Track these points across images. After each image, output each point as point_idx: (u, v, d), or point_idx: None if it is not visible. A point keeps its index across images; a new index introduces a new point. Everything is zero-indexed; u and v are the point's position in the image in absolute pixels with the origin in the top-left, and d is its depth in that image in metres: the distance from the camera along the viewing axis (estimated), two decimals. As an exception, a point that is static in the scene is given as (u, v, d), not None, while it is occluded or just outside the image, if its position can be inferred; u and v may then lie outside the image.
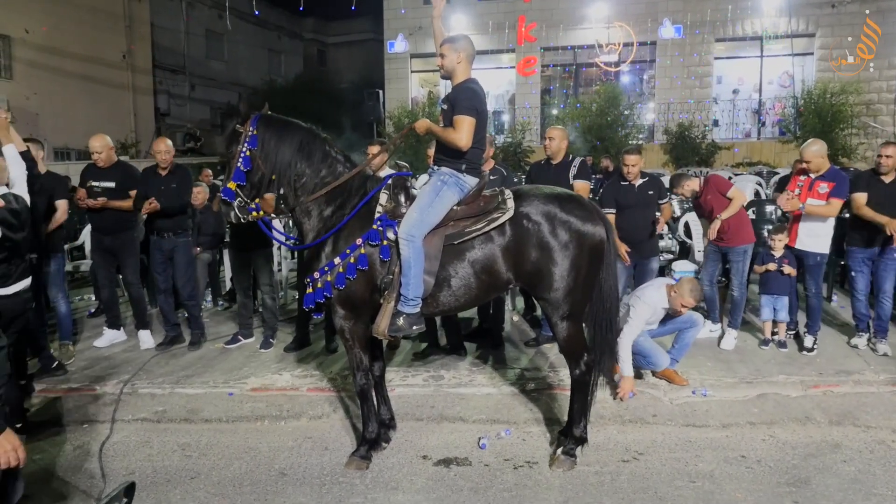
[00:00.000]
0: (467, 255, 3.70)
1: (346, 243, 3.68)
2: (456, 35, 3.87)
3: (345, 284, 3.63)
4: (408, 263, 3.55)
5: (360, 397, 3.93)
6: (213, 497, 3.60)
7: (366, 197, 3.75)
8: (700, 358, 5.56)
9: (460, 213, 3.75)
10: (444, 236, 3.68)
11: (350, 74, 29.47)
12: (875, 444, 4.04)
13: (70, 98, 20.35)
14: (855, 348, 5.68)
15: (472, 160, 3.81)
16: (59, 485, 3.76)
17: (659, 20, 18.86)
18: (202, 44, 27.37)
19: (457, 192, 3.76)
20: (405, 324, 3.62)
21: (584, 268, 3.72)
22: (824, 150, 5.58)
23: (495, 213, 3.70)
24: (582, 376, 3.86)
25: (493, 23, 19.66)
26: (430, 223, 3.64)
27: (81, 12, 20.89)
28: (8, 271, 4.08)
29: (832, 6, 18.09)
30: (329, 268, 3.66)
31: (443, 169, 3.79)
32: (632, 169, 5.70)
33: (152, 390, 5.13)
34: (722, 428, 4.30)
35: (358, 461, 3.85)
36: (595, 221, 3.75)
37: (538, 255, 3.67)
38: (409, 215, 3.64)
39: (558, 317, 3.75)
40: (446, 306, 3.82)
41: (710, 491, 3.54)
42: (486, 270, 3.72)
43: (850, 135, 16.73)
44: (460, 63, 3.77)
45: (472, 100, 3.69)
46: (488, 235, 3.70)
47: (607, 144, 16.81)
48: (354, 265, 3.62)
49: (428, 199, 3.69)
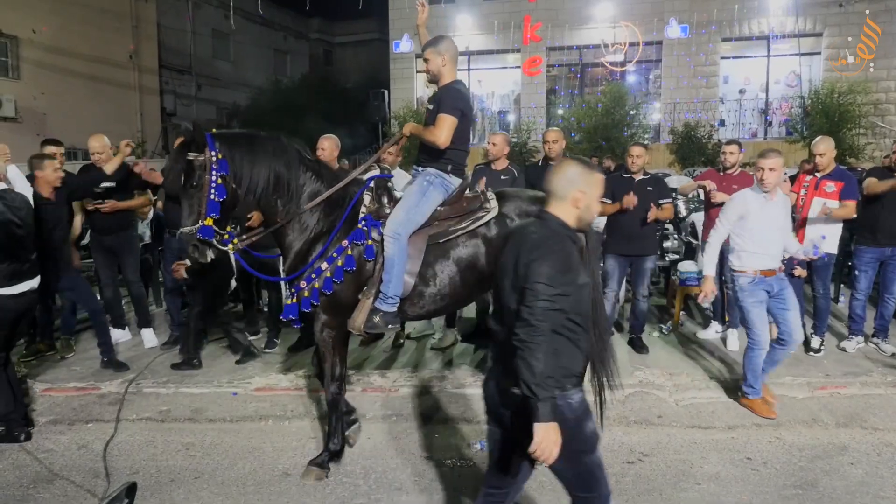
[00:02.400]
0: (452, 254, 3.74)
1: (332, 248, 3.64)
2: (436, 38, 3.86)
3: (332, 289, 3.60)
4: (391, 261, 3.56)
5: (331, 407, 3.82)
6: (217, 497, 3.60)
7: (352, 201, 3.72)
8: (706, 359, 5.53)
9: (444, 213, 3.78)
10: (428, 236, 3.70)
11: (355, 74, 29.47)
12: (882, 446, 4.01)
13: (77, 98, 20.41)
14: (843, 351, 5.63)
15: (457, 161, 3.85)
16: (63, 483, 3.77)
17: (665, 20, 18.78)
18: (208, 44, 27.42)
19: (442, 192, 3.80)
20: (381, 321, 3.64)
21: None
22: (834, 146, 5.58)
23: (479, 213, 3.75)
24: None
25: (499, 22, 19.60)
26: (416, 222, 3.66)
27: (88, 13, 20.96)
28: (15, 270, 4.10)
29: (839, 5, 17.96)
30: (316, 274, 3.60)
31: (428, 169, 3.82)
32: (637, 160, 5.71)
33: (157, 390, 5.14)
34: (728, 429, 4.28)
35: (317, 471, 3.73)
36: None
37: None
38: (395, 214, 3.65)
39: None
40: (433, 306, 3.82)
41: (715, 493, 3.52)
42: (470, 268, 3.75)
43: (857, 135, 16.62)
44: (445, 65, 3.79)
45: (456, 100, 3.71)
46: (472, 233, 3.74)
47: (613, 144, 16.75)
48: (342, 268, 3.60)
49: (415, 198, 3.72)
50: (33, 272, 4.28)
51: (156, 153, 21.29)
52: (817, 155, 5.49)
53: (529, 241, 2.31)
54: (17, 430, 4.27)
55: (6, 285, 4.07)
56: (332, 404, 3.82)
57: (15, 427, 4.28)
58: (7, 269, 4.06)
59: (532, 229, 2.38)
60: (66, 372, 5.54)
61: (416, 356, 5.75)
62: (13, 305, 4.14)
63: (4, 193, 4.11)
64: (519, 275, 2.27)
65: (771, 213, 4.44)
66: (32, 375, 5.44)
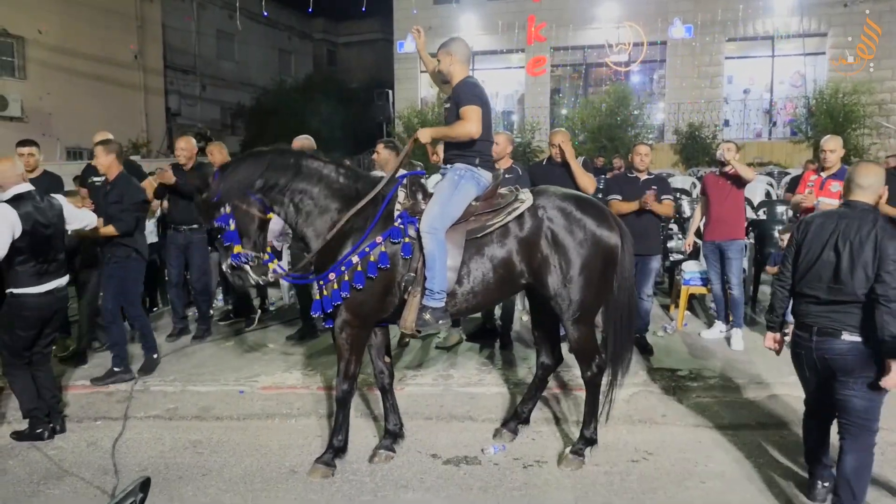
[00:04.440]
0: (487, 250, 3.71)
1: (366, 243, 3.61)
2: (447, 40, 3.92)
3: (364, 284, 3.57)
4: (432, 256, 3.53)
5: (339, 404, 3.83)
6: (225, 493, 3.63)
7: (385, 198, 3.71)
8: (710, 359, 5.54)
9: (480, 208, 3.76)
10: (466, 231, 3.68)
11: (360, 74, 29.51)
12: (887, 445, 4.01)
13: (82, 98, 20.50)
14: None
15: (484, 153, 3.85)
16: (73, 480, 3.81)
17: (669, 20, 18.76)
18: (213, 44, 27.49)
19: (474, 185, 3.77)
20: (431, 318, 3.60)
21: (597, 271, 3.72)
22: (842, 145, 5.62)
23: (514, 204, 3.73)
24: (593, 378, 3.87)
25: (503, 23, 19.61)
26: (451, 216, 3.64)
27: (93, 13, 21.05)
28: (41, 269, 4.14)
29: (844, 5, 17.93)
30: (347, 267, 3.58)
31: (457, 164, 3.80)
32: (644, 158, 5.76)
33: (164, 388, 5.17)
34: (732, 428, 4.29)
35: (323, 468, 3.75)
36: (611, 227, 3.78)
37: (550, 248, 3.68)
38: (429, 209, 3.64)
39: (569, 318, 3.75)
40: (466, 304, 3.78)
41: (720, 491, 3.54)
42: (503, 264, 3.72)
43: (862, 135, 16.59)
44: (454, 64, 3.83)
45: (473, 92, 3.73)
46: (506, 227, 3.71)
47: (617, 144, 16.75)
48: (375, 263, 3.56)
49: (448, 192, 3.70)
50: (60, 271, 4.33)
51: (160, 153, 21.34)
52: (827, 151, 5.49)
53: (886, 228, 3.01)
54: (41, 428, 4.30)
55: (33, 284, 4.12)
56: (340, 402, 3.83)
57: (39, 424, 4.30)
58: (33, 269, 4.11)
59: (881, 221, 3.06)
60: (75, 370, 5.57)
61: (421, 355, 5.78)
62: (38, 304, 4.18)
63: (32, 194, 4.16)
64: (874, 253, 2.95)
65: None
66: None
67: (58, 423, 4.43)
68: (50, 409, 4.40)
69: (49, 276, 4.20)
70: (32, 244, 4.07)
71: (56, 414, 4.45)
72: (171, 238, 6.23)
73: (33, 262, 4.10)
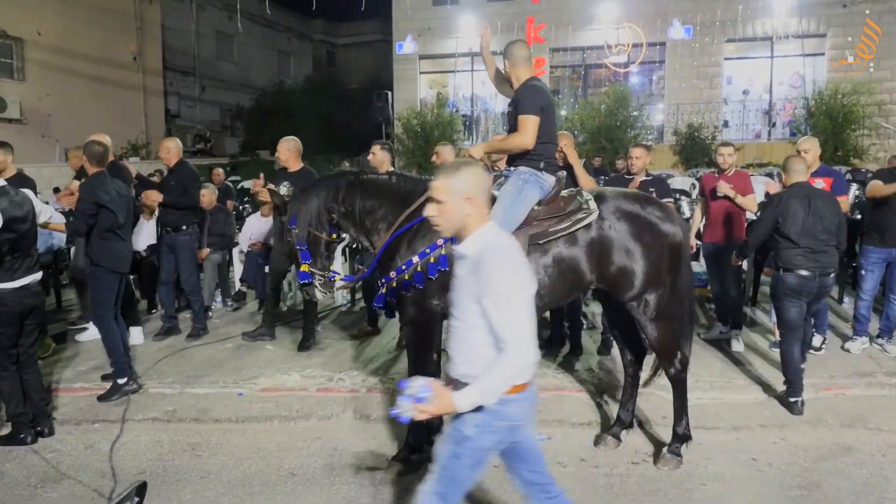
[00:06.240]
0: (551, 255, 3.70)
1: (422, 243, 3.65)
2: (507, 44, 3.98)
3: (424, 284, 3.61)
4: None
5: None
6: (223, 496, 3.62)
7: None
8: (710, 360, 5.53)
9: (542, 213, 3.76)
10: (529, 236, 3.66)
11: (359, 76, 29.53)
12: (887, 447, 4.01)
13: (82, 99, 20.51)
14: (847, 352, 5.64)
15: (548, 156, 3.86)
16: (70, 483, 3.79)
17: (668, 21, 18.76)
18: (212, 45, 27.52)
19: (538, 190, 3.77)
20: None
21: (666, 267, 3.75)
22: (819, 146, 5.72)
23: (580, 214, 3.71)
24: (678, 374, 3.88)
25: (502, 24, 19.58)
26: (514, 222, 3.64)
27: (93, 14, 21.05)
28: (14, 265, 4.13)
29: (843, 6, 17.94)
30: (407, 266, 3.63)
31: (521, 168, 3.80)
32: (636, 161, 5.79)
33: (162, 390, 5.16)
34: (732, 430, 4.29)
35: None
36: (674, 222, 3.81)
37: (623, 255, 3.68)
38: (493, 214, 3.63)
39: (647, 318, 3.76)
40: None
41: (720, 493, 3.53)
42: (571, 270, 3.72)
43: (861, 136, 16.59)
44: (512, 68, 3.90)
45: (533, 98, 3.76)
46: (573, 236, 3.69)
47: (616, 145, 16.75)
48: (435, 265, 3.58)
49: (511, 198, 3.70)
50: (34, 267, 4.31)
51: (159, 154, 21.33)
52: (801, 151, 5.56)
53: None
54: (24, 433, 4.25)
55: (7, 280, 4.09)
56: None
57: (22, 429, 4.26)
58: (8, 264, 4.09)
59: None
60: (72, 372, 5.56)
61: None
62: (13, 298, 4.15)
63: (6, 189, 4.14)
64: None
65: None
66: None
67: (46, 425, 4.38)
68: (37, 412, 4.36)
69: (23, 272, 4.17)
70: (9, 239, 4.05)
71: (44, 416, 4.41)
72: (163, 239, 6.52)
73: (9, 256, 4.08)
